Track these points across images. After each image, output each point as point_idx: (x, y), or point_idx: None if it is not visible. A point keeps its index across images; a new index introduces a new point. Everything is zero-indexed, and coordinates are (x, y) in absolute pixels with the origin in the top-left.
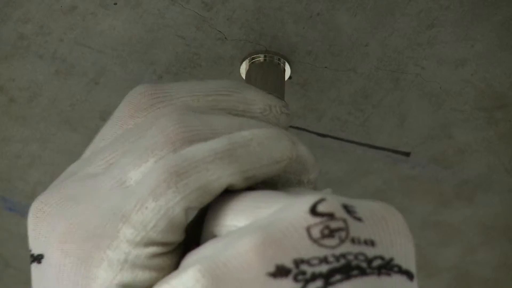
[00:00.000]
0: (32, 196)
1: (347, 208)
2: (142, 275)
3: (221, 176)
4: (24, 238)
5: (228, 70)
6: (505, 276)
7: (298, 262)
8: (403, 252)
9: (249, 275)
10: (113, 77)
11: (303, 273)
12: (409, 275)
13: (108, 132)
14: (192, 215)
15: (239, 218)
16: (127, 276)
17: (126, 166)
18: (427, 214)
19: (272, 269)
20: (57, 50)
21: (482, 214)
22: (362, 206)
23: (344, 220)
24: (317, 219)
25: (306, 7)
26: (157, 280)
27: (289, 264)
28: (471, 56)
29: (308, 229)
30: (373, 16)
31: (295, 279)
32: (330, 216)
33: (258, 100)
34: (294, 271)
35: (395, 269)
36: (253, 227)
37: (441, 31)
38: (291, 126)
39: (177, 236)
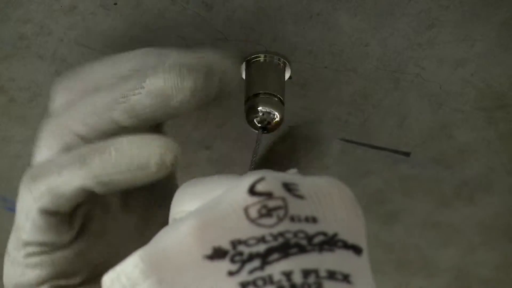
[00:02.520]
0: None
1: (287, 186)
2: (28, 272)
3: (70, 180)
4: None
5: None
6: (505, 276)
7: (235, 243)
8: (350, 227)
9: (187, 259)
10: None
11: (240, 253)
12: (356, 249)
13: None
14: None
15: (193, 203)
16: (17, 276)
17: None
18: (427, 214)
19: (209, 251)
20: (57, 50)
21: (482, 214)
22: (306, 183)
23: (283, 199)
24: (255, 199)
25: (306, 7)
26: (47, 277)
27: (226, 245)
28: (471, 56)
29: (246, 209)
30: (373, 16)
31: (232, 260)
32: (268, 195)
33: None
34: (231, 252)
35: (339, 244)
36: (195, 211)
37: (441, 31)
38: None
39: (49, 237)
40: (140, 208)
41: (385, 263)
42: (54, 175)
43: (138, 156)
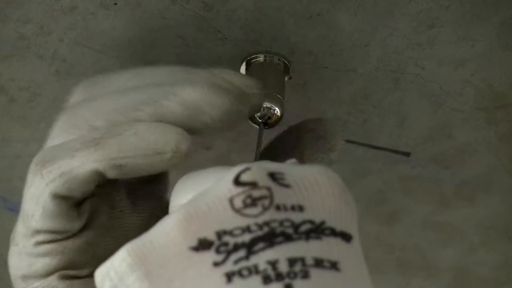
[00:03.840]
0: None
1: (273, 176)
2: (37, 262)
3: (84, 162)
4: None
5: None
6: (505, 276)
7: (220, 234)
8: (338, 214)
9: (173, 251)
10: None
11: (226, 244)
12: (345, 236)
13: None
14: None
15: (187, 196)
16: (25, 266)
17: None
18: (427, 214)
19: (194, 243)
20: (57, 50)
21: (482, 214)
22: (293, 172)
23: (268, 188)
24: (240, 189)
25: (306, 7)
26: (56, 266)
27: (211, 236)
28: (471, 56)
29: (230, 200)
30: (373, 16)
31: (217, 251)
32: (253, 185)
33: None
34: (217, 243)
35: (327, 232)
36: (184, 204)
37: (441, 31)
38: None
39: (60, 224)
40: (147, 209)
41: (385, 263)
42: (67, 158)
43: (156, 141)
